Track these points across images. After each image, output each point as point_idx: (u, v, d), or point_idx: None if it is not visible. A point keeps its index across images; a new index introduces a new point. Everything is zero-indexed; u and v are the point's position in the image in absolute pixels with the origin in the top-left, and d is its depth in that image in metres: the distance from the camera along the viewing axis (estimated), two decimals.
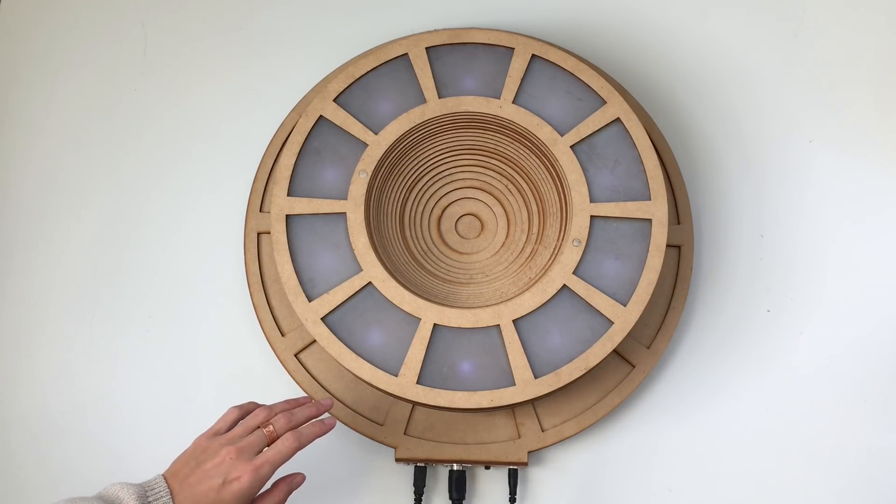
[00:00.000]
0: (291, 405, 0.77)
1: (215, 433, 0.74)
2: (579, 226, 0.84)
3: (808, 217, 0.95)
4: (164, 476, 0.71)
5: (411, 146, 0.89)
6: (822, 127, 0.98)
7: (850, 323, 0.92)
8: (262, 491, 0.73)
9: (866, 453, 0.90)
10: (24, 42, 1.02)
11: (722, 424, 0.90)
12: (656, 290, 0.83)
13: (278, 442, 0.73)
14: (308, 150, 0.88)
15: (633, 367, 0.89)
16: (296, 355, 0.89)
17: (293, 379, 0.89)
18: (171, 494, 0.69)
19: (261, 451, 0.72)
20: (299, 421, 0.75)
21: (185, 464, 0.71)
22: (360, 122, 0.88)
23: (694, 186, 0.96)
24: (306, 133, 0.88)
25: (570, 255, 0.84)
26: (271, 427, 0.74)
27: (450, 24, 0.99)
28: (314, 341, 0.88)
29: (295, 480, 0.76)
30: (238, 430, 0.73)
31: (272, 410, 0.76)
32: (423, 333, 0.82)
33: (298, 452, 0.75)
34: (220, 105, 1.00)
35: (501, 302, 0.83)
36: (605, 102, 0.88)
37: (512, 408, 0.87)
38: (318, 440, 0.90)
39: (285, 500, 0.75)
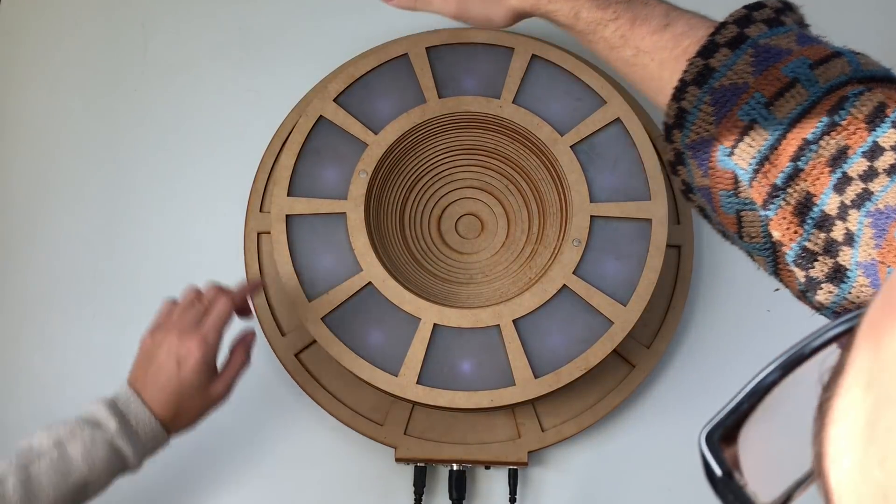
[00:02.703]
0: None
1: (155, 328, 0.75)
2: (579, 226, 0.84)
3: None
4: (128, 383, 0.72)
5: (411, 146, 0.89)
6: None
7: None
8: (223, 360, 0.75)
9: None
10: (24, 42, 1.02)
11: None
12: (656, 290, 0.83)
13: (213, 307, 0.74)
14: (308, 150, 0.88)
15: (633, 367, 0.89)
16: (296, 355, 0.89)
17: (293, 379, 0.89)
18: (139, 396, 0.71)
19: (200, 323, 0.73)
20: (227, 288, 0.76)
21: (140, 365, 0.73)
22: (360, 122, 0.88)
23: None
24: (306, 133, 0.88)
25: (570, 255, 0.84)
26: (199, 304, 0.75)
27: (450, 23, 0.99)
28: (314, 341, 0.88)
29: (247, 338, 0.77)
30: (173, 316, 0.75)
31: (198, 290, 0.76)
32: (423, 333, 0.82)
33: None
34: (220, 105, 1.00)
35: (501, 302, 0.83)
36: (605, 102, 0.88)
37: (512, 408, 0.87)
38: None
39: (248, 358, 0.76)
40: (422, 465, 0.87)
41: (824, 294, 0.51)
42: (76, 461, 0.67)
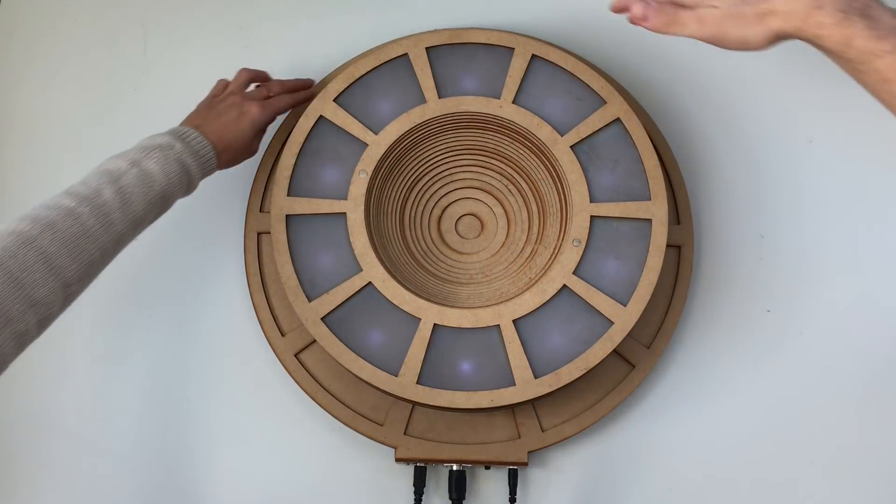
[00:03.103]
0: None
1: (214, 95, 0.87)
2: (579, 226, 0.84)
3: (808, 217, 0.95)
4: (190, 127, 0.82)
5: (411, 146, 0.89)
6: (822, 127, 0.98)
7: (850, 323, 0.92)
8: None
9: (866, 453, 0.90)
10: (24, 41, 1.02)
11: (722, 424, 0.90)
12: (656, 290, 0.83)
13: (275, 98, 0.88)
14: (308, 150, 0.88)
15: (633, 367, 0.89)
16: (296, 355, 0.89)
17: (293, 379, 0.89)
18: (198, 131, 0.81)
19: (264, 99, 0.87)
20: (290, 87, 0.91)
21: (199, 113, 0.84)
22: (360, 122, 0.88)
23: (694, 186, 0.96)
24: (306, 133, 0.88)
25: (570, 255, 0.84)
26: (265, 89, 0.89)
27: (450, 24, 0.99)
28: (314, 341, 0.88)
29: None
30: (233, 86, 0.88)
31: (260, 75, 0.91)
32: (423, 333, 0.82)
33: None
34: None
35: (501, 302, 0.83)
36: (605, 102, 0.88)
37: (512, 408, 0.87)
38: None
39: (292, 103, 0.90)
40: (422, 465, 0.87)
41: None
42: (156, 174, 0.75)
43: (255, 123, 0.84)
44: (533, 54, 0.90)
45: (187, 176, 0.78)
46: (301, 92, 0.92)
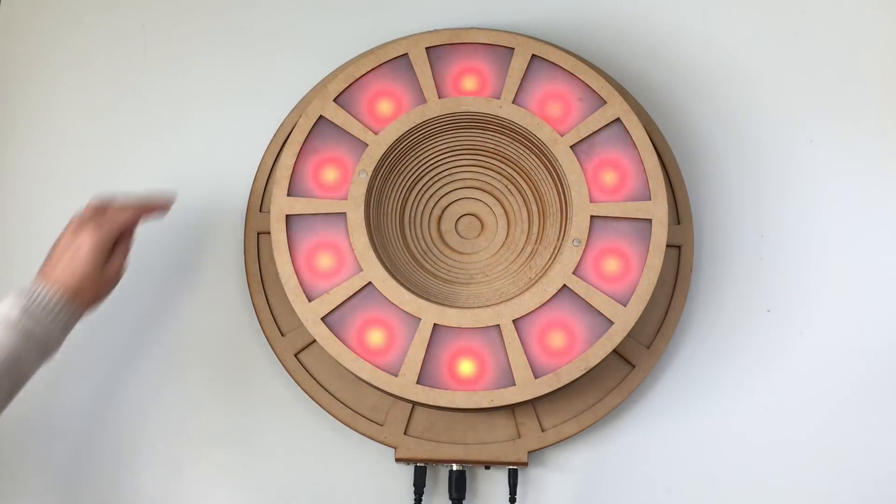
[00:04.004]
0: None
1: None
2: (579, 226, 0.84)
3: (808, 217, 0.95)
4: (37, 279, 0.79)
5: (411, 146, 0.89)
6: (822, 127, 0.98)
7: (850, 323, 0.92)
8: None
9: (865, 453, 0.90)
10: (24, 42, 1.02)
11: (721, 424, 0.90)
12: (656, 290, 0.83)
13: (112, 211, 0.82)
14: (308, 150, 0.88)
15: (633, 367, 0.89)
16: (296, 355, 0.89)
17: (293, 379, 0.89)
18: (45, 283, 0.78)
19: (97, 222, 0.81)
20: (135, 201, 0.84)
21: (47, 262, 0.80)
22: (360, 122, 0.88)
23: (694, 186, 0.96)
24: (306, 133, 0.88)
25: (570, 255, 0.84)
26: (100, 209, 0.82)
27: (450, 24, 0.99)
28: (314, 341, 0.88)
29: (128, 234, 0.84)
30: (72, 224, 0.81)
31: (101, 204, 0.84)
32: (423, 333, 0.82)
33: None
34: (221, 105, 1.00)
35: (501, 302, 0.83)
36: (605, 102, 0.88)
37: (512, 408, 0.87)
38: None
39: (130, 243, 0.84)
40: (422, 465, 0.87)
41: None
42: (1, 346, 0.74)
43: (93, 248, 0.79)
44: (533, 54, 0.90)
45: (34, 340, 0.76)
46: (154, 200, 0.85)
